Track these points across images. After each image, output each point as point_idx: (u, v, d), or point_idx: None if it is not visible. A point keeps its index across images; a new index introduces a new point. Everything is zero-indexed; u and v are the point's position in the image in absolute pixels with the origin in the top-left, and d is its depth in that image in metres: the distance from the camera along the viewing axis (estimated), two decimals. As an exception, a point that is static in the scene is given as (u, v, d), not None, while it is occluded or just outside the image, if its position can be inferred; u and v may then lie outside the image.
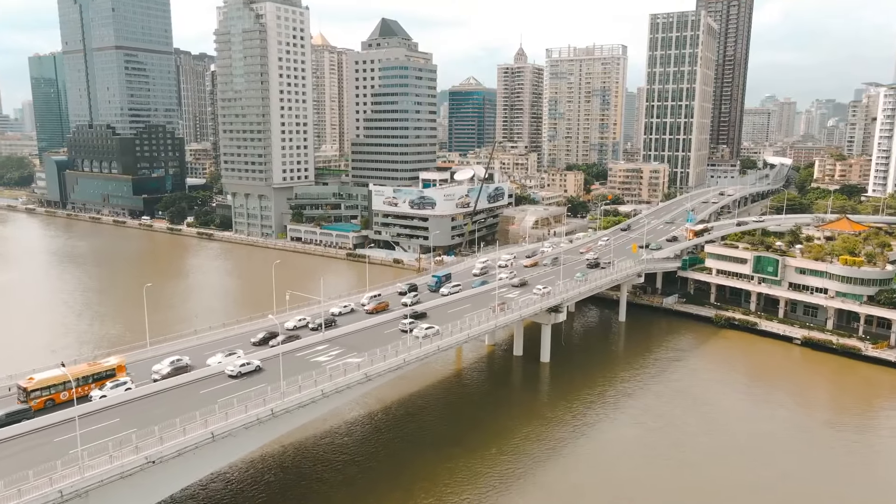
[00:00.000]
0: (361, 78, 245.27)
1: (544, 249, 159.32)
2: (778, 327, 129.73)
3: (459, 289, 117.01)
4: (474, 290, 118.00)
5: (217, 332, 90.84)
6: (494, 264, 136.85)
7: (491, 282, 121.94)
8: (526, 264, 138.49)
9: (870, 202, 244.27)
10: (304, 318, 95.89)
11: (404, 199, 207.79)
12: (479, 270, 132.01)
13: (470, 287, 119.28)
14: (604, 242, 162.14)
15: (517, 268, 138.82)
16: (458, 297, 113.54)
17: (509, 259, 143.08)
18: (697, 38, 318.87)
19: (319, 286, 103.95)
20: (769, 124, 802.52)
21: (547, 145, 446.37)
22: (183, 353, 79.90)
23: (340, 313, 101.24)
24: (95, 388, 68.33)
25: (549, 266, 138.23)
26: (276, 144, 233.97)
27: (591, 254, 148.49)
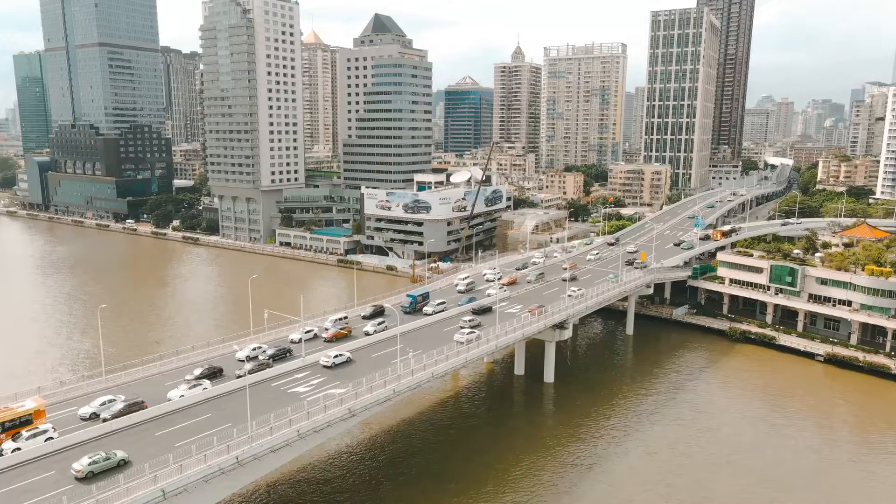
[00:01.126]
0: (354, 76, 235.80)
1: (536, 260, 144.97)
2: (798, 342, 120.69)
3: (445, 307, 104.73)
4: (463, 307, 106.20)
5: (174, 359, 79.63)
6: (481, 278, 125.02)
7: (479, 298, 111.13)
8: (503, 281, 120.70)
9: (879, 205, 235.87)
10: (261, 345, 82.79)
11: (398, 203, 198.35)
12: (464, 287, 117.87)
13: (456, 305, 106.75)
14: (593, 257, 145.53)
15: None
16: (446, 315, 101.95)
17: (496, 273, 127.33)
18: (700, 36, 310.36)
19: (299, 303, 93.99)
20: (768, 125, 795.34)
21: (545, 146, 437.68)
22: (130, 387, 70.17)
23: (301, 340, 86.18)
24: (6, 438, 57.47)
25: (533, 283, 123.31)
26: (265, 145, 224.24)
27: (569, 272, 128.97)
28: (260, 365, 76.68)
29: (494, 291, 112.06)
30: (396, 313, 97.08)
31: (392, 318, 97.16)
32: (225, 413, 65.53)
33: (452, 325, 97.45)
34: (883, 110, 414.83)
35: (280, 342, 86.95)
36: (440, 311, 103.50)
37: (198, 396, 67.76)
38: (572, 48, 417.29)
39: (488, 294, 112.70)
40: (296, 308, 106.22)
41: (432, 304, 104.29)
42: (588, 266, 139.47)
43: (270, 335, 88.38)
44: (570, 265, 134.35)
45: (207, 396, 68.29)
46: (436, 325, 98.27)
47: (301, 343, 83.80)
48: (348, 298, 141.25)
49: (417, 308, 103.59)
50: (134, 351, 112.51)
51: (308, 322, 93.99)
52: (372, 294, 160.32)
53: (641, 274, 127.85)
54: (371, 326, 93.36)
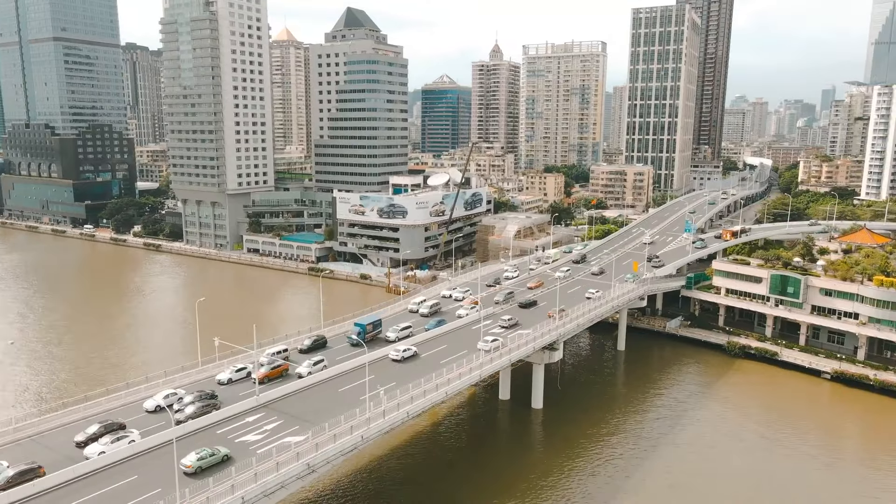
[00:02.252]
0: (325, 73, 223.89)
1: (508, 274, 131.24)
2: (802, 358, 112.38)
3: (409, 331, 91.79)
4: (431, 332, 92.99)
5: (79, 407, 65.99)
6: (438, 298, 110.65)
7: (449, 320, 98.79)
8: (466, 303, 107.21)
9: (866, 206, 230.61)
10: (177, 391, 68.40)
11: (372, 207, 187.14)
12: (427, 310, 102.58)
13: (423, 331, 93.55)
14: (561, 275, 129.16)
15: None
16: (414, 341, 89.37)
17: (465, 291, 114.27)
18: (682, 34, 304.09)
19: (266, 321, 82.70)
20: (744, 125, 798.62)
21: (524, 146, 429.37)
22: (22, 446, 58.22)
23: (230, 381, 73.45)
24: None
25: (503, 304, 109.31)
26: (231, 146, 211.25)
27: (534, 293, 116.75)
28: (205, 406, 65.13)
29: (465, 312, 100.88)
30: (374, 343, 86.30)
31: (342, 351, 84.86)
32: (154, 472, 54.24)
33: (426, 351, 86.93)
34: (861, 110, 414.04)
35: (205, 384, 73.03)
36: (405, 336, 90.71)
37: (121, 453, 56.15)
38: (551, 46, 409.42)
39: (458, 315, 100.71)
40: (260, 328, 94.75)
41: (395, 329, 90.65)
42: (557, 284, 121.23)
43: (191, 375, 74.89)
44: (535, 283, 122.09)
45: (133, 452, 56.61)
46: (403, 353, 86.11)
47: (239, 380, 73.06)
48: (316, 314, 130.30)
49: (368, 339, 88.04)
50: (50, 389, 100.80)
51: (278, 341, 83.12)
52: (343, 307, 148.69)
53: (634, 286, 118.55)
54: (306, 366, 76.48)
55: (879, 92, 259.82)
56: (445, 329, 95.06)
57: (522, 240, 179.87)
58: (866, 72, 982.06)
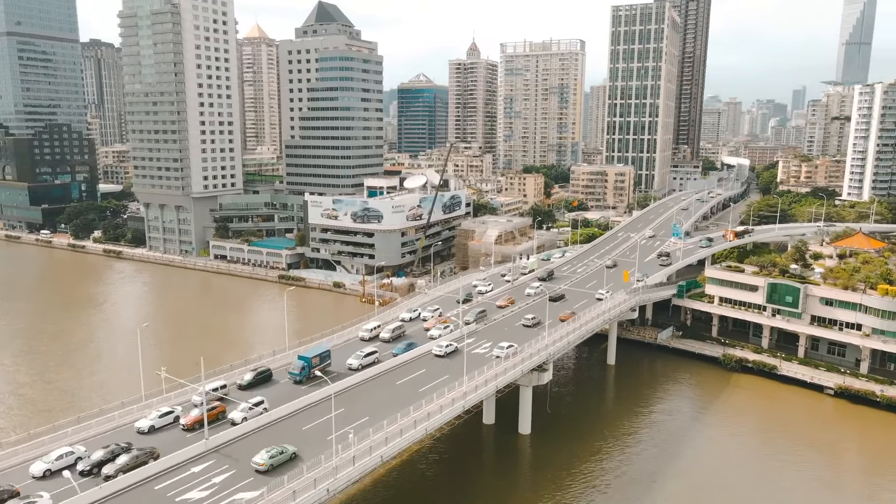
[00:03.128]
0: (296, 70, 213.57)
1: (481, 289, 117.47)
2: (803, 372, 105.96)
3: (375, 357, 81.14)
4: (401, 358, 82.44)
5: None
6: (391, 324, 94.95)
7: (421, 342, 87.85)
8: (427, 326, 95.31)
9: (848, 206, 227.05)
10: (74, 448, 55.74)
11: (346, 211, 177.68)
12: (390, 334, 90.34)
13: (390, 356, 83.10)
14: (533, 291, 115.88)
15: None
16: (381, 368, 79.01)
17: (435, 310, 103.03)
18: (662, 32, 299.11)
19: (224, 344, 73.35)
20: (720, 124, 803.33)
21: (503, 146, 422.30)
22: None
23: (153, 428, 61.75)
24: None
25: (474, 324, 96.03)
26: (195, 147, 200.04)
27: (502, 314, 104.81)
28: (136, 458, 55.23)
29: (438, 332, 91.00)
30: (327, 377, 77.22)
31: (284, 387, 73.58)
32: None
33: (400, 378, 78.07)
34: (838, 109, 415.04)
35: (125, 432, 61.28)
36: (369, 363, 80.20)
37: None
38: (529, 45, 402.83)
39: (431, 336, 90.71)
40: (217, 350, 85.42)
41: (358, 356, 79.98)
42: (529, 301, 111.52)
43: (113, 419, 63.51)
44: (505, 301, 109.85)
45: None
46: (369, 383, 75.80)
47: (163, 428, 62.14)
48: (287, 329, 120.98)
49: (312, 374, 74.61)
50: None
51: (220, 373, 73.42)
52: (313, 322, 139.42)
53: (626, 296, 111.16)
54: (241, 411, 64.32)
55: (861, 91, 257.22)
56: (418, 353, 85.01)
57: (503, 245, 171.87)
58: (837, 72, 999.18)
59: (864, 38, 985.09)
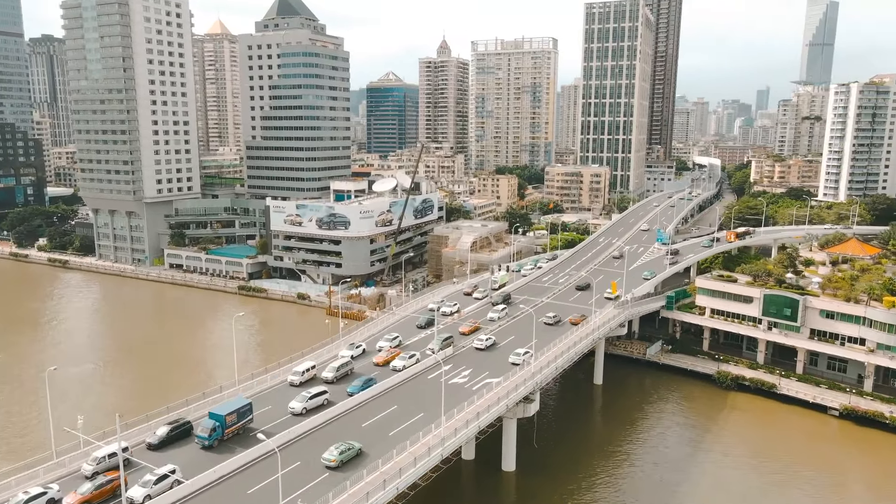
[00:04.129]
0: (257, 66, 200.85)
1: (445, 310, 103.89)
2: (805, 391, 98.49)
3: (325, 398, 68.36)
4: (359, 397, 69.74)
5: None
6: (335, 360, 79.97)
7: (382, 377, 75.70)
8: (376, 361, 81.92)
9: (826, 208, 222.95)
10: None
11: (310, 217, 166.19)
12: (334, 373, 75.51)
13: (346, 396, 70.50)
14: (496, 316, 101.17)
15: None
16: (333, 412, 65.83)
17: (393, 339, 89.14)
18: (636, 30, 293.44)
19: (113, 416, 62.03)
20: (688, 124, 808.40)
21: (474, 146, 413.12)
22: None
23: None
24: None
25: (441, 353, 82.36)
26: (147, 148, 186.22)
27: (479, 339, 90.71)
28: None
29: (402, 364, 79.77)
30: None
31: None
32: None
33: (367, 419, 67.60)
34: (808, 110, 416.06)
35: None
36: (316, 405, 67.20)
37: None
38: (501, 43, 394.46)
39: (394, 368, 79.30)
40: (157, 386, 74.08)
41: (303, 399, 66.96)
42: (494, 327, 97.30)
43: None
44: (469, 326, 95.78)
45: None
46: (326, 428, 63.57)
47: None
48: (244, 351, 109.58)
49: (226, 437, 60.22)
50: None
51: (134, 426, 61.98)
52: (275, 340, 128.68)
53: (616, 311, 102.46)
54: (142, 486, 50.29)
55: (837, 91, 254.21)
56: (380, 389, 72.93)
57: (479, 252, 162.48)
58: (801, 72, 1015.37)
59: (827, 39, 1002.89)
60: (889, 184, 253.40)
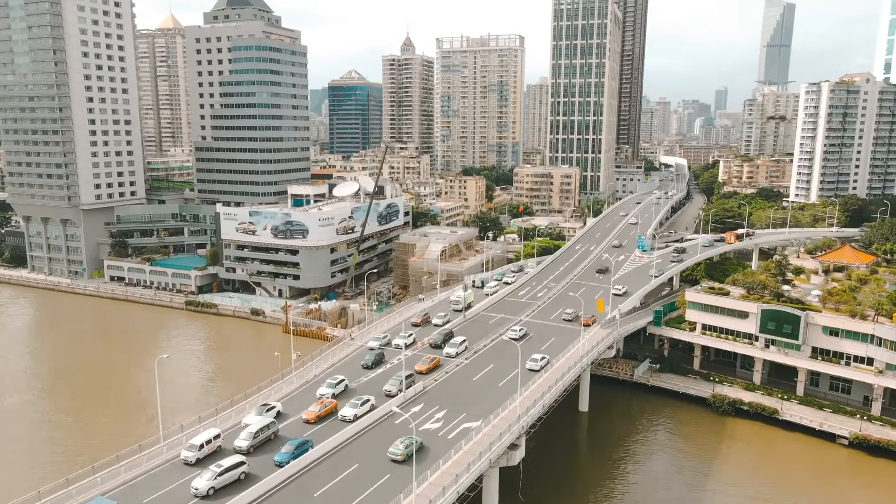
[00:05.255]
0: (206, 61, 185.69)
1: (398, 342, 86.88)
2: (810, 416, 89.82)
3: (241, 473, 53.66)
4: (291, 466, 55.48)
5: None
6: (253, 424, 62.34)
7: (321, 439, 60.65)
8: (307, 418, 65.74)
9: (799, 209, 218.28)
10: None
11: (265, 225, 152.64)
12: (249, 441, 59.06)
13: (274, 468, 55.50)
14: (455, 351, 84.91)
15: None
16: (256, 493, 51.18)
17: (337, 383, 72.86)
18: (605, 28, 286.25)
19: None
20: (652, 124, 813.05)
21: (440, 146, 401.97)
22: None
23: None
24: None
25: (401, 396, 70.62)
26: (84, 150, 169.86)
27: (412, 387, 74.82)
28: None
29: (353, 412, 65.45)
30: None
31: None
32: None
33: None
34: (773, 109, 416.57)
35: None
36: (226, 482, 52.57)
37: None
38: (467, 40, 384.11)
39: (343, 418, 65.27)
40: (73, 445, 61.14)
41: (211, 475, 51.95)
42: (453, 366, 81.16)
43: None
44: (427, 364, 79.32)
45: None
46: None
47: None
48: (185, 390, 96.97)
49: None
50: None
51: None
52: (223, 367, 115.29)
53: (604, 332, 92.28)
54: None
55: (808, 90, 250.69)
56: (322, 453, 58.56)
57: (448, 261, 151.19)
58: (760, 73, 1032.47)
59: (784, 40, 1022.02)
60: (859, 184, 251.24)
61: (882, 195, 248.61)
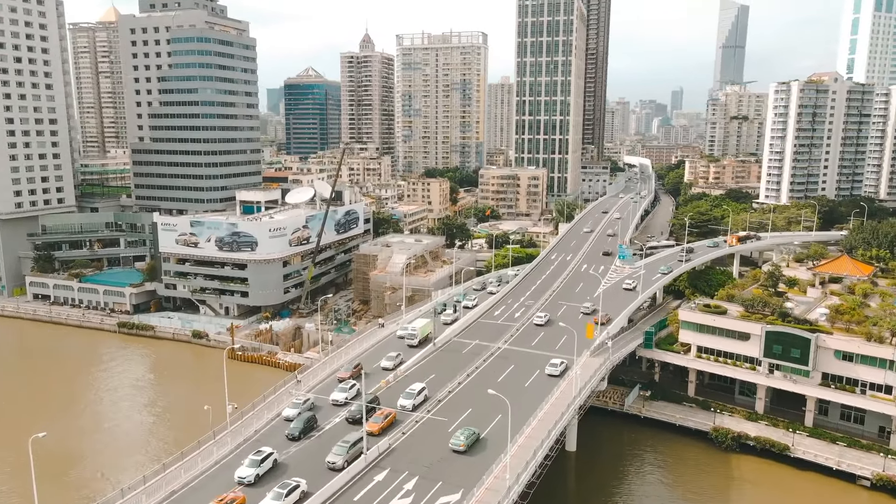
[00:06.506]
0: (142, 54, 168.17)
1: (337, 397, 69.47)
2: (826, 454, 79.86)
3: None
4: None
5: None
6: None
7: None
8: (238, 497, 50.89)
9: (769, 211, 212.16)
10: None
11: (208, 237, 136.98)
12: None
13: None
14: (408, 405, 68.61)
15: None
16: None
17: (264, 458, 55.95)
18: (571, 24, 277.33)
19: None
20: (613, 124, 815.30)
21: (402, 146, 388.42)
22: None
23: None
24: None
25: (345, 466, 56.36)
26: (1, 153, 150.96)
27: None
28: None
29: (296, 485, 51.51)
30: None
31: None
32: None
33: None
34: (736, 109, 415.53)
35: None
36: None
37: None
38: (428, 37, 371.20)
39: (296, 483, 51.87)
40: None
41: None
42: (408, 425, 65.94)
43: None
44: (381, 422, 63.49)
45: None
46: None
47: None
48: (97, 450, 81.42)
49: None
50: None
51: None
52: (158, 413, 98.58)
53: (597, 362, 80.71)
54: None
55: (777, 90, 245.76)
56: None
57: (413, 273, 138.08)
58: (716, 73, 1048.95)
59: (739, 41, 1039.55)
60: (828, 185, 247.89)
61: (850, 196, 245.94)
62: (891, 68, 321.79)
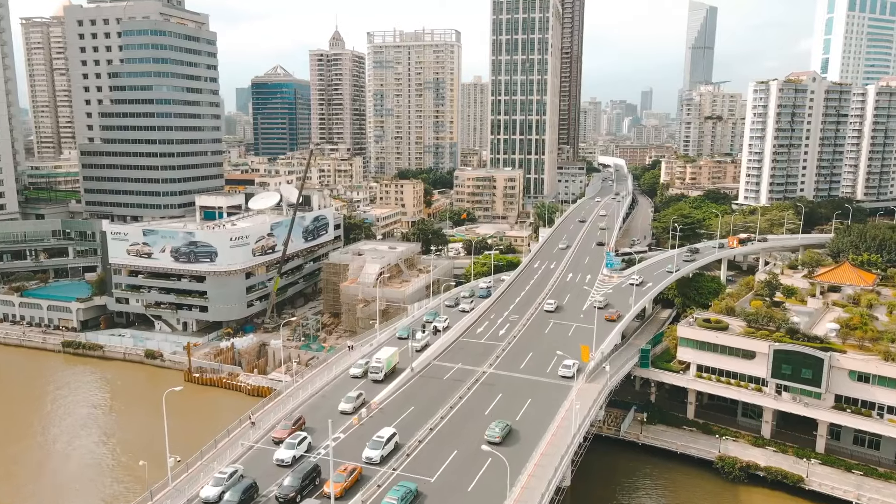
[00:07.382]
0: (91, 48, 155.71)
1: (283, 457, 56.44)
2: (840, 484, 72.99)
3: None
4: None
5: None
6: None
7: None
8: None
9: (749, 213, 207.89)
10: None
11: (163, 247, 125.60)
12: None
13: None
14: (381, 457, 57.83)
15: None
16: None
17: None
18: (547, 22, 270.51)
19: None
20: (586, 123, 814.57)
21: (374, 147, 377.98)
22: None
23: None
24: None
25: None
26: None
27: None
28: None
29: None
30: None
31: None
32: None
33: None
34: (711, 110, 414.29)
35: None
36: None
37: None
38: (400, 35, 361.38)
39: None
40: None
41: None
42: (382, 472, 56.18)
43: None
44: (345, 481, 52.28)
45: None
46: None
47: None
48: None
49: None
50: None
51: None
52: (79, 477, 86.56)
53: (595, 389, 72.45)
54: None
55: (756, 89, 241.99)
56: None
57: (387, 284, 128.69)
58: (685, 74, 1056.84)
59: (708, 42, 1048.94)
60: (806, 186, 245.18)
61: (828, 196, 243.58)
62: (865, 68, 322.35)
